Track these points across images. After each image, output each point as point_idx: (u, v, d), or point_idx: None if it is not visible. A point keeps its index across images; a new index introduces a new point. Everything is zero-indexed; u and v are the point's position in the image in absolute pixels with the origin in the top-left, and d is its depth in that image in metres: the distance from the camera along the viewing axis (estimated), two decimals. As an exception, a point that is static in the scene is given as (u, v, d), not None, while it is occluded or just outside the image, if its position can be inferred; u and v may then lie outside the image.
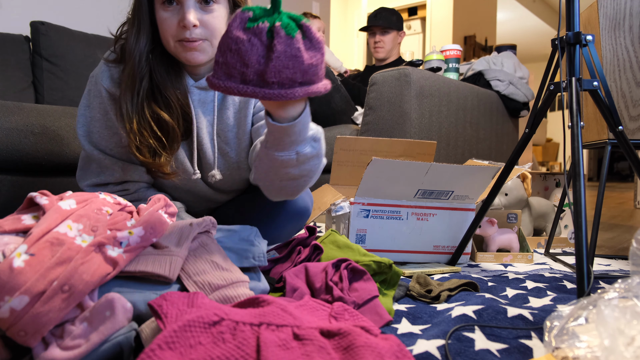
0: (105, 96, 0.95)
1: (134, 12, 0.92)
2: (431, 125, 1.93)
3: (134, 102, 0.90)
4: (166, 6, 0.88)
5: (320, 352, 0.48)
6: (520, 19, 7.41)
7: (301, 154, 0.78)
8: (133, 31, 0.91)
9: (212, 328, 0.49)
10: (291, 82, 0.63)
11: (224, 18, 0.92)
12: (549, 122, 8.17)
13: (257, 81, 0.63)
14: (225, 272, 0.65)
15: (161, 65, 0.94)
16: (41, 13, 2.07)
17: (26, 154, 1.35)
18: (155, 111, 0.92)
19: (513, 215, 1.35)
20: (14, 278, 0.50)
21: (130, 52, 0.90)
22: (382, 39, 2.51)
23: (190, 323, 0.48)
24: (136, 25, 0.91)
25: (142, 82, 0.91)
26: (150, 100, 0.92)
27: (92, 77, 0.98)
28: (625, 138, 0.97)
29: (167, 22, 0.88)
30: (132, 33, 0.91)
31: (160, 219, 0.70)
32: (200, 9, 0.88)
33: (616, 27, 1.31)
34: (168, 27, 0.88)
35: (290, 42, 0.61)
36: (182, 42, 0.88)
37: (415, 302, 0.84)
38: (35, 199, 0.61)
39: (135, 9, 0.92)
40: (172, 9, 0.88)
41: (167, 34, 0.89)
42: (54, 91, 1.88)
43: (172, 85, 0.94)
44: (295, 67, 0.62)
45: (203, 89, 0.99)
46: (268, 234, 1.08)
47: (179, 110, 0.95)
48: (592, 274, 0.79)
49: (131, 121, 0.90)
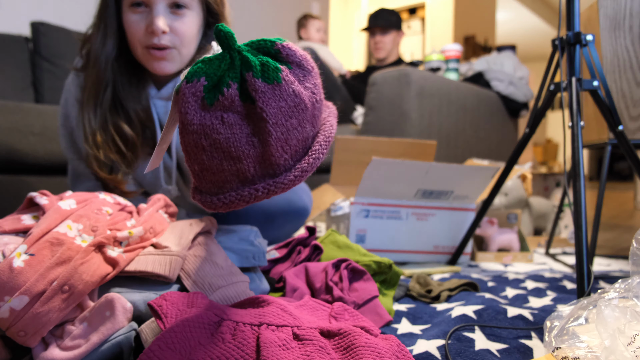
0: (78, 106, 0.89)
1: (100, 14, 0.85)
2: (431, 125, 1.93)
3: (97, 113, 0.84)
4: (135, 9, 0.81)
5: (320, 352, 0.48)
6: (520, 19, 7.40)
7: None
8: (99, 35, 0.84)
9: (212, 328, 0.49)
10: (305, 144, 0.45)
11: (195, 26, 0.85)
12: (549, 122, 8.17)
13: (263, 171, 0.44)
14: (225, 272, 0.65)
15: (124, 74, 0.87)
16: (41, 13, 2.07)
17: (26, 154, 1.35)
18: (118, 124, 0.85)
19: (513, 215, 1.35)
20: (13, 278, 0.50)
21: (95, 58, 0.84)
22: (382, 39, 2.52)
23: (190, 323, 0.48)
24: (102, 28, 0.84)
25: (105, 91, 0.84)
26: (113, 112, 0.85)
27: (65, 85, 0.94)
28: (625, 138, 0.96)
29: (134, 26, 0.82)
30: (97, 37, 0.84)
31: (160, 219, 0.70)
32: (171, 14, 0.82)
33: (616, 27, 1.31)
34: (135, 31, 0.82)
35: (281, 91, 0.42)
36: (149, 49, 0.82)
37: (415, 302, 0.84)
38: (35, 199, 0.61)
39: (102, 10, 0.84)
40: (141, 12, 0.81)
41: (135, 39, 0.82)
42: (54, 91, 1.88)
43: (134, 99, 0.88)
44: (301, 120, 0.43)
45: (167, 99, 0.90)
46: (267, 234, 1.08)
47: (138, 125, 0.88)
48: (592, 274, 0.79)
49: (94, 133, 0.84)
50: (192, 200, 0.48)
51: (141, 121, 0.88)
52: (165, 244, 0.64)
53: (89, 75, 0.85)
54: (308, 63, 0.46)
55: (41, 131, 1.37)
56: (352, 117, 2.23)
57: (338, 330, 0.52)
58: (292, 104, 0.43)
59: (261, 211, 1.08)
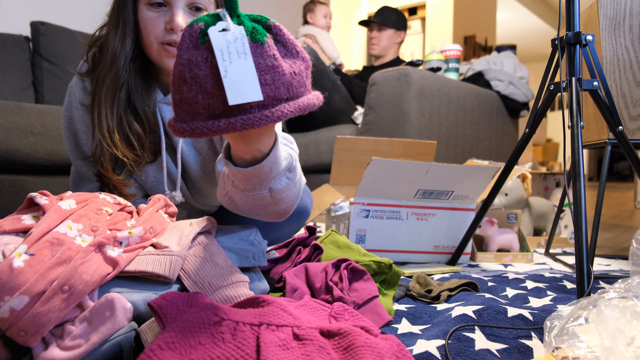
0: (82, 109, 0.90)
1: (117, 12, 0.85)
2: (431, 125, 1.93)
3: (114, 112, 0.85)
4: (153, 7, 0.82)
5: (320, 352, 0.48)
6: (520, 19, 7.41)
7: (275, 190, 0.65)
8: (118, 33, 0.84)
9: (212, 328, 0.49)
10: (274, 101, 0.50)
11: None
12: (549, 122, 8.18)
13: (229, 111, 0.49)
14: (225, 272, 0.65)
15: (137, 76, 0.88)
16: (41, 13, 2.07)
17: (26, 154, 1.35)
18: (132, 124, 0.87)
19: (513, 215, 1.35)
20: (13, 278, 0.50)
21: (113, 57, 0.84)
22: (377, 35, 2.52)
23: (190, 323, 0.48)
24: (121, 26, 0.84)
25: (121, 91, 0.85)
26: (127, 112, 0.87)
27: (69, 88, 0.94)
28: (625, 138, 0.97)
29: (151, 22, 0.82)
30: (115, 35, 0.84)
31: (160, 219, 0.70)
32: (190, 14, 0.83)
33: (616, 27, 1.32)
34: (152, 27, 0.82)
35: (262, 51, 0.49)
36: (166, 45, 0.83)
37: (415, 302, 0.84)
38: (35, 199, 0.61)
39: (119, 8, 0.84)
40: (159, 10, 0.83)
41: (151, 36, 0.83)
42: (54, 91, 1.88)
43: (144, 100, 0.89)
44: (275, 80, 0.49)
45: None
46: (268, 234, 1.08)
47: (147, 128, 0.89)
48: (592, 274, 0.79)
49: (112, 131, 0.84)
50: (167, 127, 0.53)
51: (149, 124, 0.90)
52: (165, 244, 0.64)
53: (107, 75, 0.85)
54: (294, 47, 0.52)
55: (41, 131, 1.37)
56: (352, 116, 2.23)
57: (338, 330, 0.52)
58: (269, 64, 0.49)
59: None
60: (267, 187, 0.64)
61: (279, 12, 3.32)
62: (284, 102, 0.50)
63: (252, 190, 0.64)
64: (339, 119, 2.19)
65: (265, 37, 0.50)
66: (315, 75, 2.10)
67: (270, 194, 0.65)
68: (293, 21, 2.61)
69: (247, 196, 0.66)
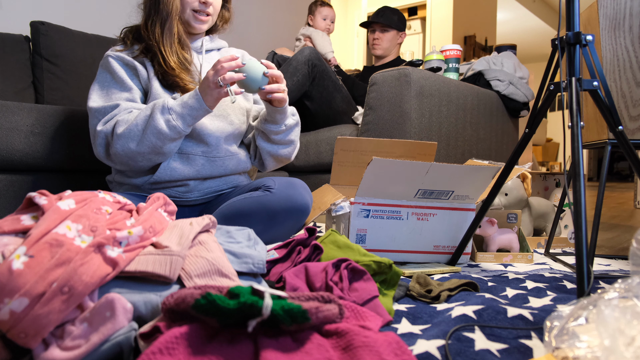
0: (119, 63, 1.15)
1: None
2: (431, 125, 1.93)
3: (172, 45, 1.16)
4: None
5: (319, 351, 0.48)
6: (520, 19, 7.41)
7: (287, 125, 1.20)
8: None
9: (212, 328, 0.49)
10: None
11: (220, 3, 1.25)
12: (549, 122, 8.17)
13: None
14: (226, 272, 0.65)
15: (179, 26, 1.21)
16: (41, 13, 2.07)
17: (26, 154, 1.35)
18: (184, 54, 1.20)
19: (513, 215, 1.35)
20: (13, 280, 0.50)
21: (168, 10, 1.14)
22: (380, 36, 2.52)
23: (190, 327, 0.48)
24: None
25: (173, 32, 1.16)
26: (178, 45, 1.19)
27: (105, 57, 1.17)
28: (625, 138, 0.96)
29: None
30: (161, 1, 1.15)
31: (160, 218, 0.70)
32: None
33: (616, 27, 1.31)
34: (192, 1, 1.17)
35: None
36: (196, 12, 1.18)
37: (415, 302, 0.84)
38: (34, 199, 0.61)
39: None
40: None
41: (187, 3, 1.17)
42: (54, 91, 1.88)
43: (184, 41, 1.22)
44: None
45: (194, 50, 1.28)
46: (269, 231, 1.08)
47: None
48: (592, 274, 0.79)
49: (174, 55, 1.17)
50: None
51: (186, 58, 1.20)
52: (166, 243, 0.64)
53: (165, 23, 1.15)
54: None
55: (41, 131, 1.37)
56: (352, 117, 2.23)
57: (336, 329, 0.52)
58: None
59: (263, 208, 1.09)
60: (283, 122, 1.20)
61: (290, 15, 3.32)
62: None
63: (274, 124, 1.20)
64: (340, 119, 2.19)
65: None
66: (317, 75, 2.10)
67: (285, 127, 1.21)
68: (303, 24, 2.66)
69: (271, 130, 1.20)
